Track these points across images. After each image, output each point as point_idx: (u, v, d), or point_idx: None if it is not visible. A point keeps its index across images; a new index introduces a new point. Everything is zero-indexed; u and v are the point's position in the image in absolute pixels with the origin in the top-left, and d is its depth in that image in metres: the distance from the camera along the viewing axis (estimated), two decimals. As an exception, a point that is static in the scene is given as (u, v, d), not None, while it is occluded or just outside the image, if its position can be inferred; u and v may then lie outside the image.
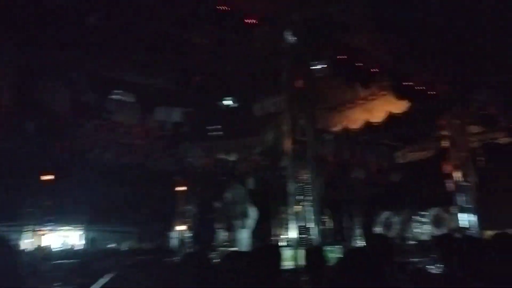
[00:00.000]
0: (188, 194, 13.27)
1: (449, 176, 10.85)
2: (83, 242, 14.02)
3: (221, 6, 6.16)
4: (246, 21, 6.37)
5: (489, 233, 7.34)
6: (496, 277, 2.58)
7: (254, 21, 6.37)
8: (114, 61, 8.87)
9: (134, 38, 7.67)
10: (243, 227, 10.16)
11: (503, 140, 13.03)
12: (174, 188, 13.37)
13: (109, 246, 13.63)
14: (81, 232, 14.35)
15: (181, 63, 8.99)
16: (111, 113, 10.70)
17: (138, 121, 10.95)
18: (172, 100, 10.57)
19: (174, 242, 13.31)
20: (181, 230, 13.26)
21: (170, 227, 13.59)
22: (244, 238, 10.15)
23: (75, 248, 13.30)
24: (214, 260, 3.73)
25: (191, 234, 12.91)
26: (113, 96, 10.16)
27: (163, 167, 12.23)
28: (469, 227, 9.62)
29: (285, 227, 7.25)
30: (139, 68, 9.43)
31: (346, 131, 11.65)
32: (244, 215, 10.20)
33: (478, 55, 8.41)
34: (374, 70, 8.35)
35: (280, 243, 7.33)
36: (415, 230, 17.51)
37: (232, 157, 11.82)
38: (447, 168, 11.57)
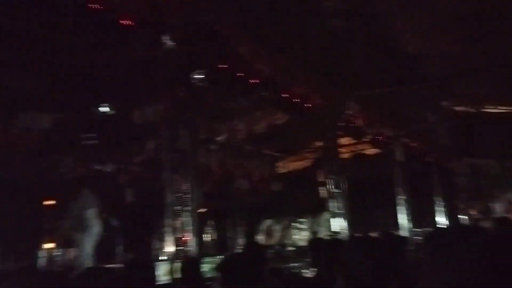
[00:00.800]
0: (58, 209, 12.23)
1: (324, 184, 11.58)
2: None
3: (93, 4, 5.72)
4: (121, 22, 6.02)
5: (356, 235, 7.92)
6: (358, 277, 2.72)
7: (131, 22, 6.06)
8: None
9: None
10: (93, 240, 9.50)
11: (369, 151, 14.38)
12: (42, 203, 12.24)
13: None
14: None
15: (50, 64, 8.21)
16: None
17: (-2, 127, 9.74)
18: (39, 105, 9.61)
19: (40, 261, 12.16)
20: (49, 249, 12.17)
21: (37, 246, 12.40)
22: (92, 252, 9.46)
23: None
24: (74, 279, 3.36)
25: (60, 253, 11.93)
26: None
27: (28, 179, 11.06)
28: (340, 231, 10.33)
29: (162, 239, 7.00)
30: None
31: (228, 140, 11.78)
32: (92, 227, 9.53)
33: (349, 70, 9.11)
34: (255, 81, 8.54)
35: (155, 257, 7.06)
36: (294, 237, 18.43)
37: (108, 168, 11.15)
38: (321, 177, 12.35)
